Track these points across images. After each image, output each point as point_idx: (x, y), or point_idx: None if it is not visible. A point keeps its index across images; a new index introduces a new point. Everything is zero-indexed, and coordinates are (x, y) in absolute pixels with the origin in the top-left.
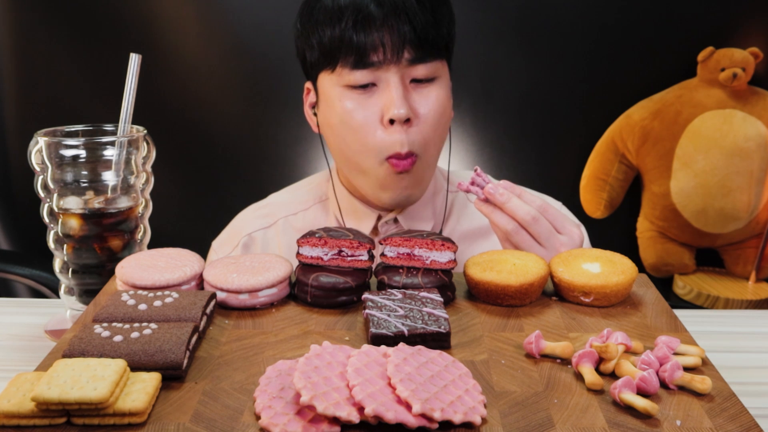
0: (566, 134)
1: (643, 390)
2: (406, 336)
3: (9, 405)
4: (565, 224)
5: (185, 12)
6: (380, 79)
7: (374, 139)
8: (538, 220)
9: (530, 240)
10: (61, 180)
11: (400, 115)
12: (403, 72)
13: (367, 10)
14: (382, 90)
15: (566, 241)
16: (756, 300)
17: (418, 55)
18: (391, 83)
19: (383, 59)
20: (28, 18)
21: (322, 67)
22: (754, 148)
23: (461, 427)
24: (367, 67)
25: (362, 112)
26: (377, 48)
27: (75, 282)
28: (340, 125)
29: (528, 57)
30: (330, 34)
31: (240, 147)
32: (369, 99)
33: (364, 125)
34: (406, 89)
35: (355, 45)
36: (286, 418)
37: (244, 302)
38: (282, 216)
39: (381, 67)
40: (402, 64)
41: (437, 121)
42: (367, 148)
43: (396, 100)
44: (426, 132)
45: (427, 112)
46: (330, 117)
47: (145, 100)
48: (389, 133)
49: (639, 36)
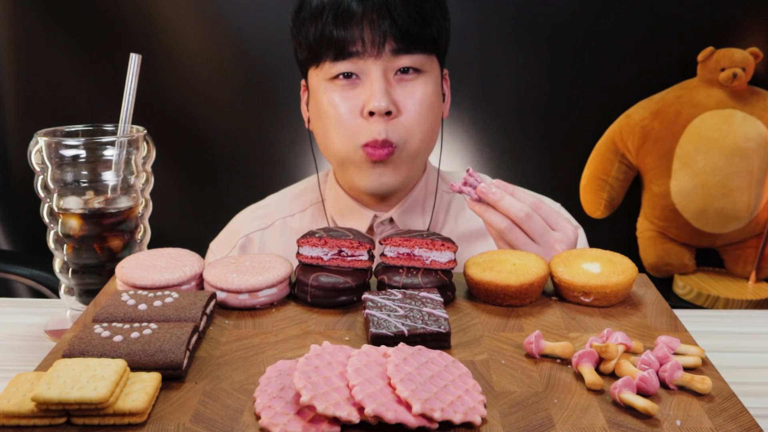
0: (566, 134)
1: (643, 390)
2: (406, 336)
3: (9, 405)
4: (558, 221)
5: (185, 12)
6: (362, 71)
7: (352, 127)
8: (531, 216)
9: (524, 237)
10: (61, 180)
11: (380, 108)
12: (386, 65)
13: (347, 6)
14: (365, 82)
15: (560, 237)
16: (756, 300)
17: (401, 47)
18: (373, 76)
19: (362, 50)
20: (28, 18)
21: (310, 63)
22: (754, 148)
23: (461, 427)
24: (347, 57)
25: (344, 103)
26: (356, 41)
27: (75, 282)
28: (324, 116)
29: (528, 57)
30: (313, 31)
31: (240, 147)
32: (351, 91)
33: (344, 115)
34: (389, 82)
35: (335, 39)
36: (286, 418)
37: (244, 302)
38: (279, 217)
39: (362, 58)
40: (384, 56)
41: (422, 115)
42: (344, 136)
43: (377, 92)
44: (408, 124)
45: (411, 105)
46: (315, 110)
47: (145, 100)
48: (368, 122)
49: (639, 36)
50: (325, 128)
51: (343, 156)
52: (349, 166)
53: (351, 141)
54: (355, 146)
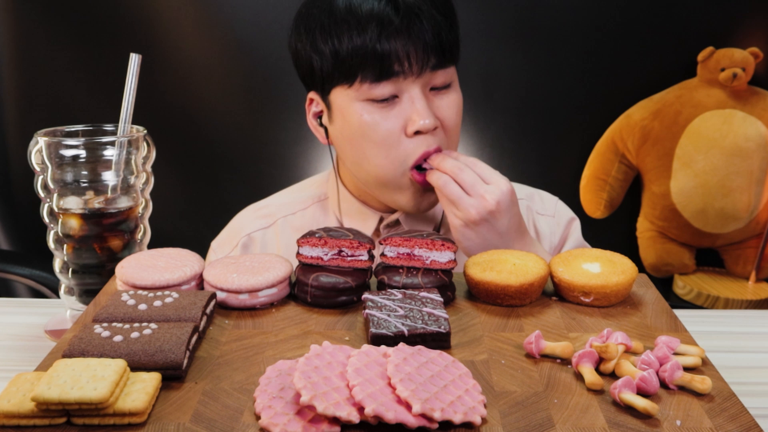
0: (566, 134)
1: (643, 390)
2: (406, 336)
3: (9, 405)
4: (493, 176)
5: (185, 12)
6: (401, 90)
7: (398, 149)
8: (463, 169)
9: (459, 191)
10: (61, 180)
11: (427, 126)
12: (423, 81)
13: (390, 19)
14: (404, 101)
15: (493, 189)
16: (756, 300)
17: (440, 62)
18: (414, 94)
19: (408, 70)
20: (28, 18)
21: (337, 82)
22: (754, 148)
23: (461, 427)
24: (390, 77)
25: (385, 124)
26: (402, 59)
27: (75, 282)
28: (360, 139)
29: (528, 57)
30: (349, 45)
31: (240, 147)
32: (391, 111)
33: (387, 137)
34: (428, 99)
35: (380, 56)
36: (286, 418)
37: (244, 302)
38: (281, 216)
39: (405, 78)
40: (423, 73)
41: (457, 125)
42: (390, 159)
43: (422, 110)
44: (448, 135)
45: (448, 116)
46: (347, 131)
47: (145, 100)
48: (413, 140)
49: (639, 36)
50: (364, 151)
51: (388, 179)
52: (392, 188)
53: (399, 163)
54: (404, 169)
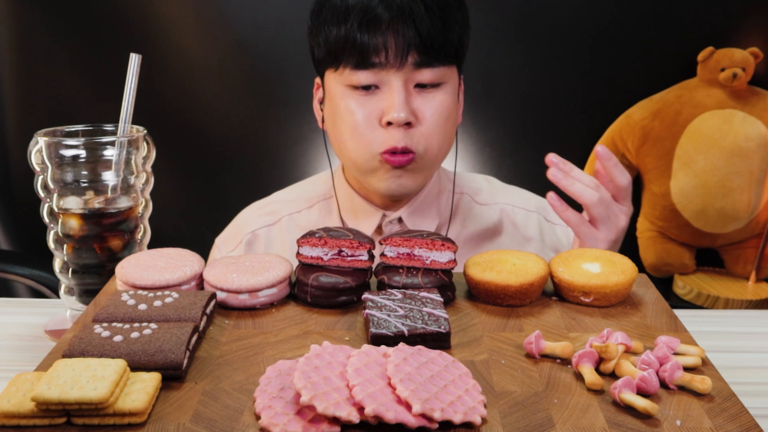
0: (566, 134)
1: (643, 390)
2: (406, 336)
3: (9, 405)
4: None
5: (185, 12)
6: (382, 81)
7: (369, 135)
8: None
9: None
10: (61, 180)
11: (399, 119)
12: (407, 76)
13: (374, 12)
14: (384, 92)
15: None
16: (756, 300)
17: (423, 60)
18: (393, 86)
19: (385, 61)
20: (28, 18)
21: (327, 65)
22: (754, 148)
23: (461, 427)
24: (369, 68)
25: (362, 111)
26: (380, 50)
27: (75, 282)
28: (340, 122)
29: (528, 57)
30: (336, 33)
31: (240, 147)
32: (370, 99)
33: (362, 123)
34: (409, 93)
35: (359, 46)
36: (286, 418)
37: (244, 302)
38: (286, 213)
39: (383, 69)
40: (406, 67)
41: (440, 125)
42: (361, 144)
43: (396, 104)
44: (427, 134)
45: (430, 116)
46: (330, 113)
47: (145, 100)
48: (386, 131)
49: (639, 36)
50: (341, 134)
51: (360, 163)
52: (366, 171)
53: (368, 149)
54: (373, 154)
